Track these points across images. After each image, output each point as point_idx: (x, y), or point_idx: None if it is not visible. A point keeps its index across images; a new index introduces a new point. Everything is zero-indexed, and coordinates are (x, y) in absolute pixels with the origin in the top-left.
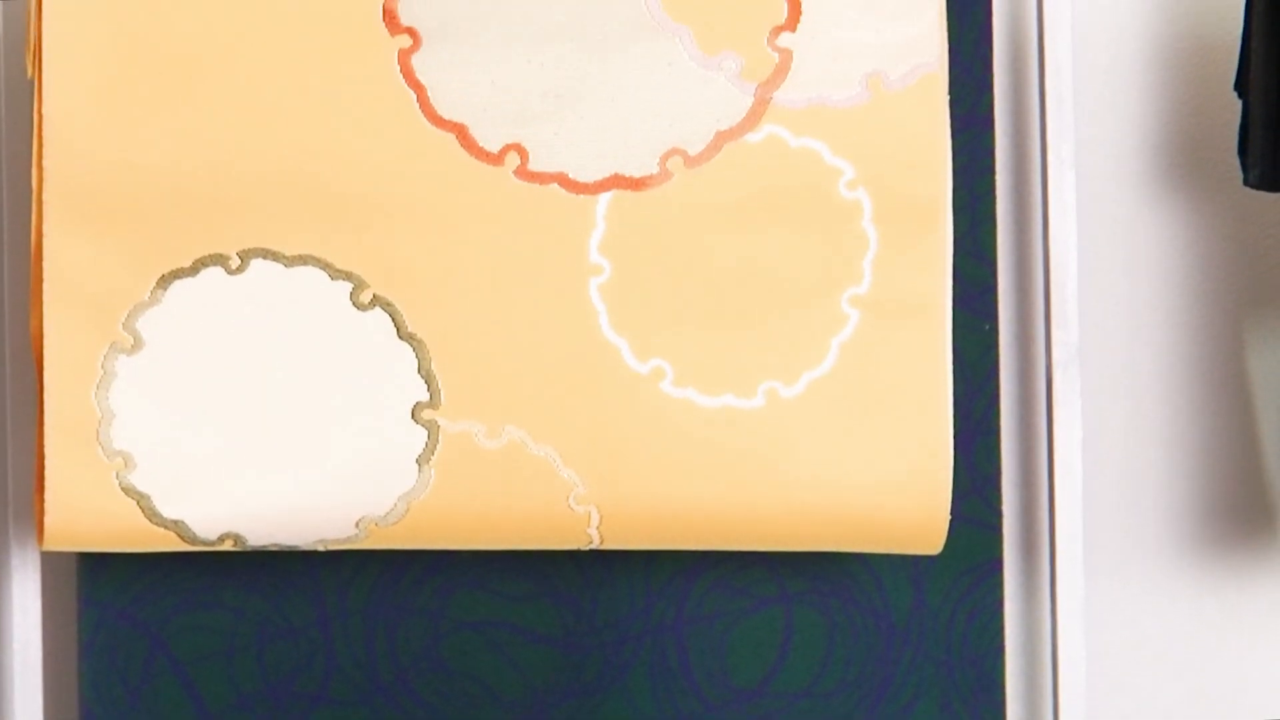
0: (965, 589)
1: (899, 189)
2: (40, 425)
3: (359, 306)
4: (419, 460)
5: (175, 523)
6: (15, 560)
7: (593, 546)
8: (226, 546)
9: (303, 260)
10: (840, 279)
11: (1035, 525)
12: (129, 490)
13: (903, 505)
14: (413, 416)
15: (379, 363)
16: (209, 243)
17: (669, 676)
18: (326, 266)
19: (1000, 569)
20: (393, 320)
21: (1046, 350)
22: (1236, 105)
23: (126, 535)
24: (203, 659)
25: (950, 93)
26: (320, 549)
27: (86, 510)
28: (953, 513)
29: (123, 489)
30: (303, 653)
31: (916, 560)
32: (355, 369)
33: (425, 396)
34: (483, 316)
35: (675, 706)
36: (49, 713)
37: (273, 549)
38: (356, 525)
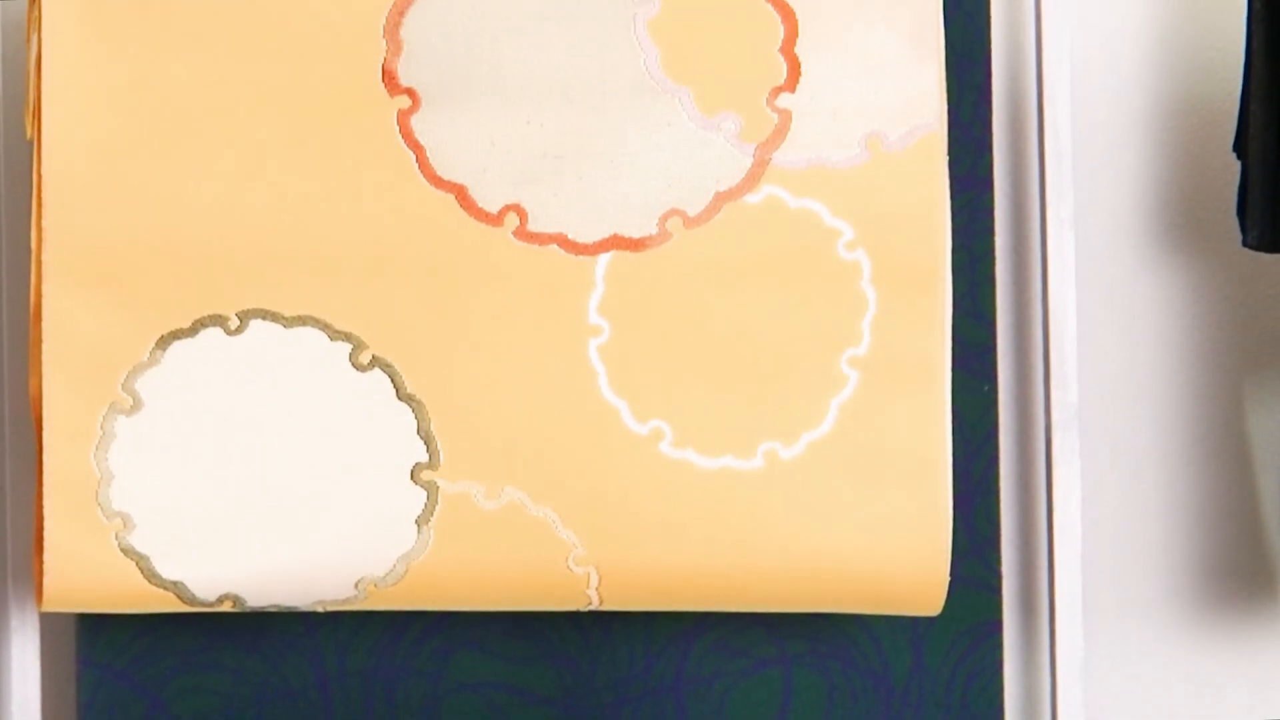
0: (964, 650)
1: (898, 250)
2: (39, 486)
3: (358, 367)
4: (418, 521)
5: (174, 584)
6: (15, 621)
7: (592, 607)
8: (225, 607)
9: (302, 321)
10: (839, 340)
11: (1034, 586)
12: (128, 551)
13: (902, 566)
14: (412, 477)
15: (378, 423)
16: (208, 303)
17: None
18: (326, 327)
19: (999, 630)
20: (392, 381)
21: (1045, 411)
22: (1235, 166)
23: (126, 596)
24: None
25: (949, 153)
26: (319, 610)
27: (86, 571)
28: (952, 573)
29: (122, 550)
30: (302, 714)
31: (916, 621)
32: (354, 430)
33: (424, 457)
34: (482, 377)
35: None
36: None
37: (272, 610)
38: (356, 586)
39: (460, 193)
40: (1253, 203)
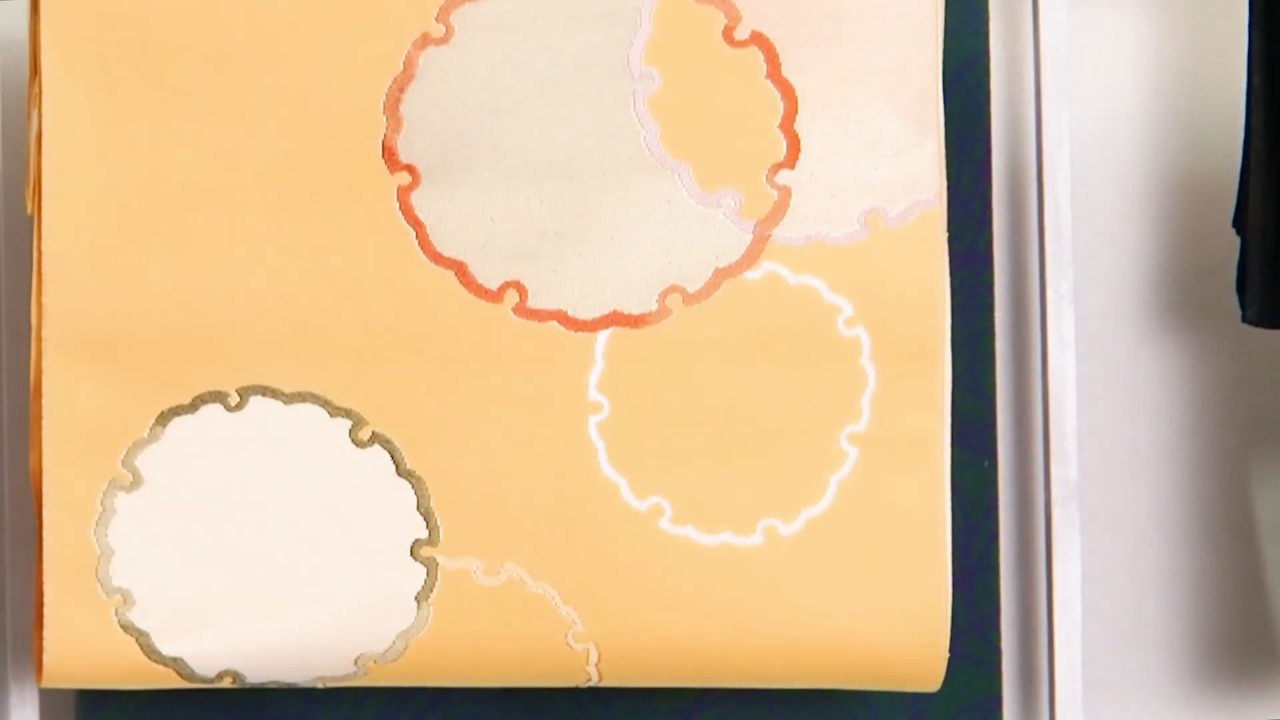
0: None
1: (898, 326)
2: (39, 562)
3: (358, 444)
4: (417, 598)
5: (174, 660)
6: (14, 698)
7: (591, 684)
8: (225, 684)
9: (302, 397)
10: (839, 416)
11: (1034, 662)
12: (128, 627)
13: (902, 642)
14: (411, 554)
15: (378, 500)
16: (208, 380)
17: None
18: (325, 404)
19: (999, 706)
20: (391, 457)
21: (1045, 487)
22: (1234, 242)
23: (125, 672)
24: None
25: (949, 229)
26: (319, 686)
27: (85, 647)
28: (952, 649)
29: (121, 626)
30: None
31: (916, 698)
32: (354, 506)
33: (424, 534)
34: (482, 453)
35: None
36: None
37: (272, 686)
38: (355, 663)
39: (460, 269)
40: (1252, 278)
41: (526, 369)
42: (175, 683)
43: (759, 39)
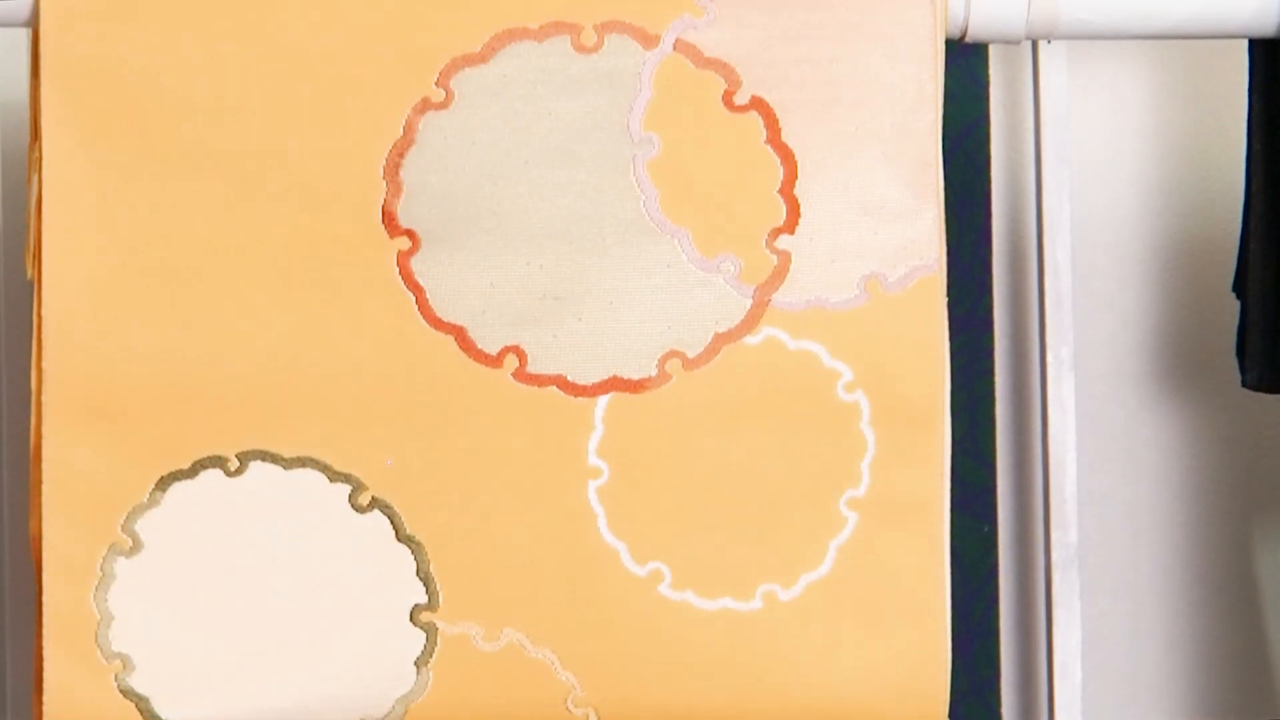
0: None
1: (897, 391)
2: (39, 626)
3: (358, 508)
4: (417, 662)
5: None
6: None
7: None
8: None
9: (301, 462)
10: (839, 481)
11: None
12: (128, 692)
13: (901, 707)
14: (411, 618)
15: (378, 565)
16: (208, 445)
17: None
18: (325, 468)
19: None
20: (391, 522)
21: (1046, 552)
22: (1235, 306)
23: None
24: None
25: (949, 294)
26: None
27: (85, 712)
28: (951, 715)
29: (121, 691)
30: None
31: None
32: (354, 571)
33: (424, 599)
34: (481, 518)
35: None
36: None
37: None
38: None
39: (460, 334)
40: (1252, 343)
41: (526, 434)
42: None
43: (759, 104)
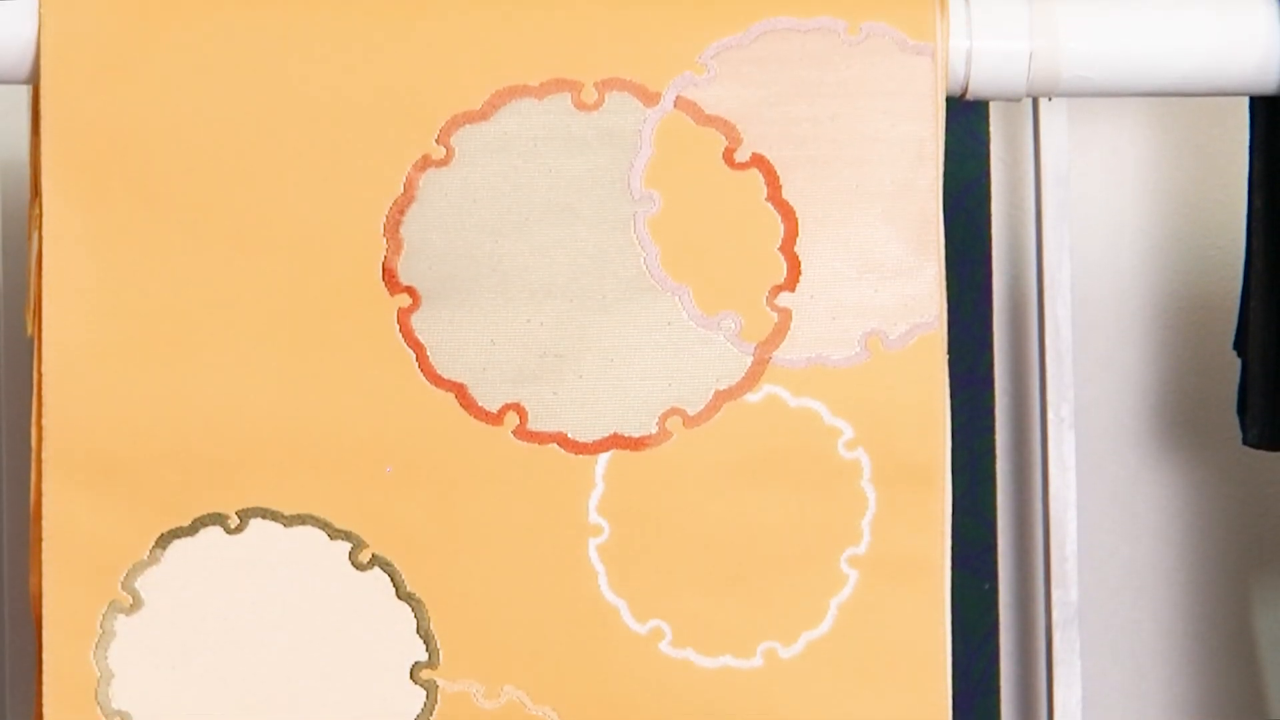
0: None
1: (898, 449)
2: (39, 684)
3: (358, 566)
4: None
5: None
6: None
7: None
8: None
9: (302, 520)
10: (839, 539)
11: None
12: None
13: None
14: (411, 676)
15: (378, 623)
16: (208, 502)
17: None
18: (325, 526)
19: None
20: (391, 580)
21: (1046, 610)
22: (1235, 364)
23: None
24: None
25: (950, 351)
26: None
27: None
28: None
29: None
30: None
31: None
32: (354, 629)
33: (424, 656)
34: (482, 576)
35: None
36: None
37: None
38: None
39: (460, 392)
40: (1253, 400)
41: (527, 491)
42: None
43: (759, 161)
